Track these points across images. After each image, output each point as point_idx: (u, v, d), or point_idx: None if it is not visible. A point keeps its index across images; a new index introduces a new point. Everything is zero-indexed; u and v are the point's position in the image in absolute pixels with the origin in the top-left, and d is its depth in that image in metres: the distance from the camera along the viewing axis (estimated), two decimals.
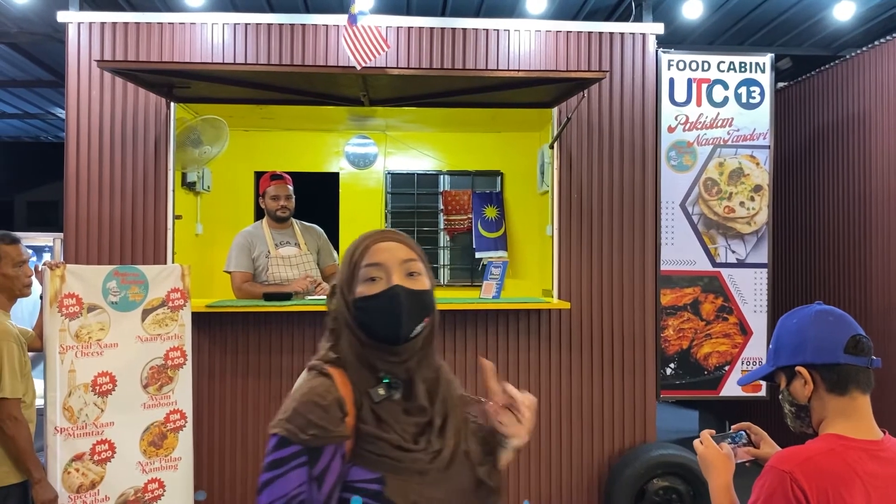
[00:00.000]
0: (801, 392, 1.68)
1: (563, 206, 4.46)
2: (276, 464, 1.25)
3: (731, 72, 4.58)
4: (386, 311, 1.36)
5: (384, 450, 1.30)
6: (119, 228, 4.22)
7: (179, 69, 3.66)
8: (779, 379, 1.76)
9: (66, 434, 3.36)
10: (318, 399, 1.29)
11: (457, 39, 4.39)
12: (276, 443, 1.26)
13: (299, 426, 1.25)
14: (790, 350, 1.70)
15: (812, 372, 1.66)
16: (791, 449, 1.61)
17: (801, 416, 1.71)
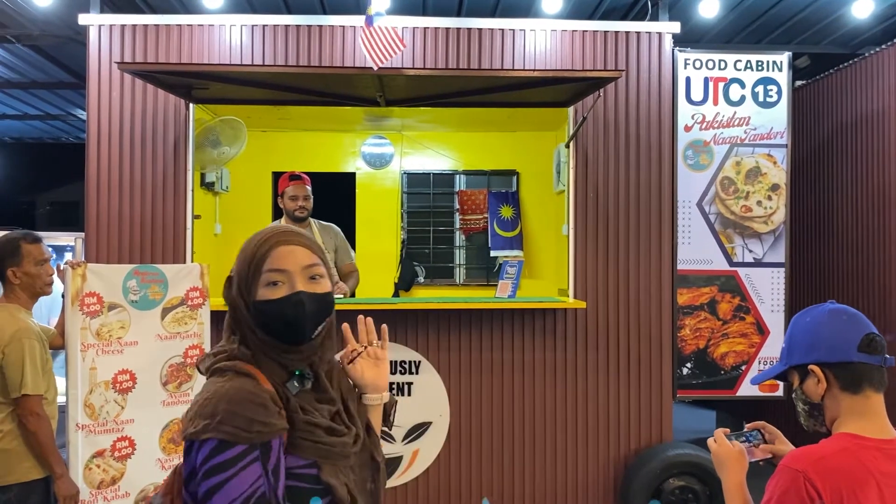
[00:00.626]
0: (814, 391, 1.68)
1: (580, 205, 4.46)
2: (221, 467, 1.25)
3: (748, 70, 4.56)
4: (288, 317, 1.39)
5: (319, 436, 1.35)
6: (139, 228, 4.27)
7: (198, 71, 3.71)
8: (792, 378, 1.76)
9: (87, 431, 3.41)
10: (252, 397, 1.30)
11: (472, 39, 4.41)
12: (214, 447, 1.25)
13: (240, 426, 1.26)
14: (803, 349, 1.70)
15: (825, 370, 1.66)
16: (804, 448, 1.61)
17: (814, 414, 1.71)
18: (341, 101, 4.32)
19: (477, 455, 4.34)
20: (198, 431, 1.26)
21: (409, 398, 4.25)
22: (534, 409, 4.38)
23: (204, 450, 1.26)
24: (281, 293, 1.40)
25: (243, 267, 1.46)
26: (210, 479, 1.25)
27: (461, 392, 4.33)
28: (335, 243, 4.65)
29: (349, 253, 4.77)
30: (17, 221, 11.15)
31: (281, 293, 1.40)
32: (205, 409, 1.28)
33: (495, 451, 4.35)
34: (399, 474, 4.26)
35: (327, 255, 4.51)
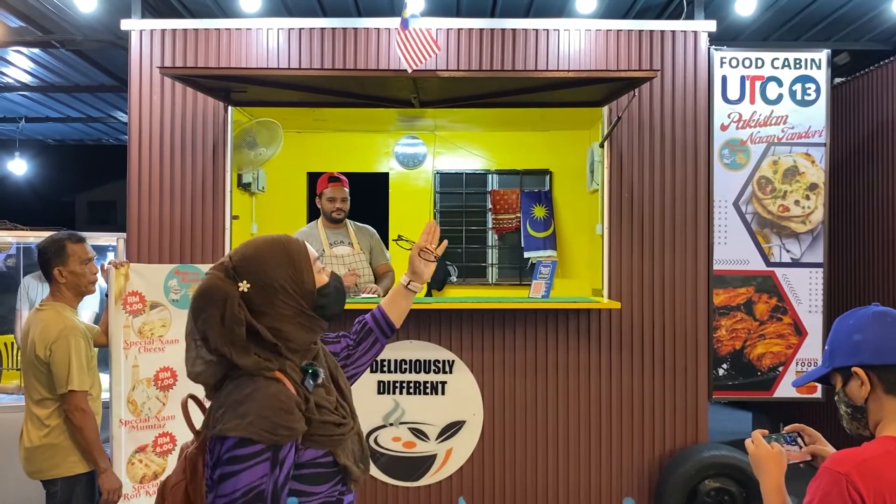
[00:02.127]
0: (857, 393, 1.67)
1: (614, 205, 4.45)
2: (237, 459, 1.43)
3: (786, 68, 4.50)
4: (341, 292, 1.69)
5: (331, 431, 1.57)
6: (179, 228, 4.36)
7: (237, 74, 3.78)
8: (835, 380, 1.75)
9: (129, 426, 3.50)
10: (280, 404, 1.48)
11: (506, 40, 4.42)
12: (235, 443, 1.43)
13: (266, 428, 1.44)
14: (847, 351, 1.69)
15: (869, 373, 1.65)
16: (847, 451, 1.60)
17: (857, 417, 1.70)
18: (376, 103, 4.36)
19: (511, 454, 4.35)
20: (227, 428, 1.43)
21: (443, 397, 4.28)
22: (567, 409, 4.38)
23: (228, 442, 1.43)
24: (327, 275, 1.69)
25: (288, 268, 1.60)
26: (225, 466, 1.43)
27: (495, 391, 4.35)
28: (370, 244, 4.71)
29: (384, 254, 4.82)
30: (57, 220, 11.42)
31: (327, 275, 1.69)
32: (237, 410, 1.45)
33: (529, 450, 4.36)
34: (433, 472, 4.29)
35: (363, 255, 4.57)
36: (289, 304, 1.57)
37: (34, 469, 3.08)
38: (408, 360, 4.29)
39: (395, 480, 4.29)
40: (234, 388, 1.50)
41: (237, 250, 1.62)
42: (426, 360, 4.29)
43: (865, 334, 1.67)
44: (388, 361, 4.28)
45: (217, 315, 1.51)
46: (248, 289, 1.54)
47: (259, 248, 1.61)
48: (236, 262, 1.58)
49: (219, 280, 1.55)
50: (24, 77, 7.19)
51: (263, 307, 1.55)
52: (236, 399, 1.47)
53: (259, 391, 1.48)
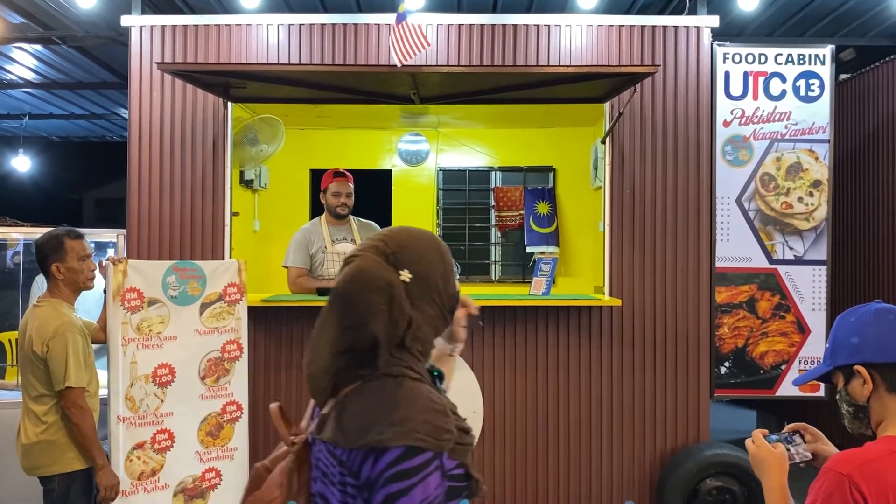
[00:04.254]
0: (859, 392, 1.65)
1: (616, 201, 4.42)
2: (406, 474, 1.24)
3: (790, 64, 4.46)
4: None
5: (464, 438, 1.35)
6: (179, 225, 4.35)
7: (236, 70, 3.76)
8: (836, 379, 1.72)
9: (128, 423, 3.49)
10: (435, 405, 1.30)
11: (507, 36, 4.39)
12: (400, 454, 1.24)
13: (431, 433, 1.26)
14: (849, 349, 1.66)
15: (871, 371, 1.62)
16: (849, 451, 1.57)
17: (859, 416, 1.67)
18: (376, 99, 4.34)
19: (511, 452, 4.33)
20: (387, 438, 1.24)
21: None
22: (568, 406, 4.36)
23: (389, 455, 1.24)
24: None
25: (441, 265, 1.43)
26: (391, 485, 1.24)
27: (495, 389, 4.33)
28: None
29: None
30: (64, 218, 11.46)
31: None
32: (391, 417, 1.26)
33: (529, 448, 4.34)
34: None
35: None
36: (436, 304, 1.39)
37: (31, 465, 3.08)
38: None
39: None
40: (375, 391, 1.32)
41: (389, 236, 1.40)
42: None
43: (867, 332, 1.64)
44: None
45: (382, 304, 1.31)
46: (409, 279, 1.35)
47: (415, 237, 1.42)
48: (395, 249, 1.36)
49: (378, 265, 1.34)
50: (28, 74, 7.21)
51: (416, 302, 1.36)
52: (387, 403, 1.29)
53: (414, 393, 1.31)
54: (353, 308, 1.31)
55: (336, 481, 1.31)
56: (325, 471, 1.35)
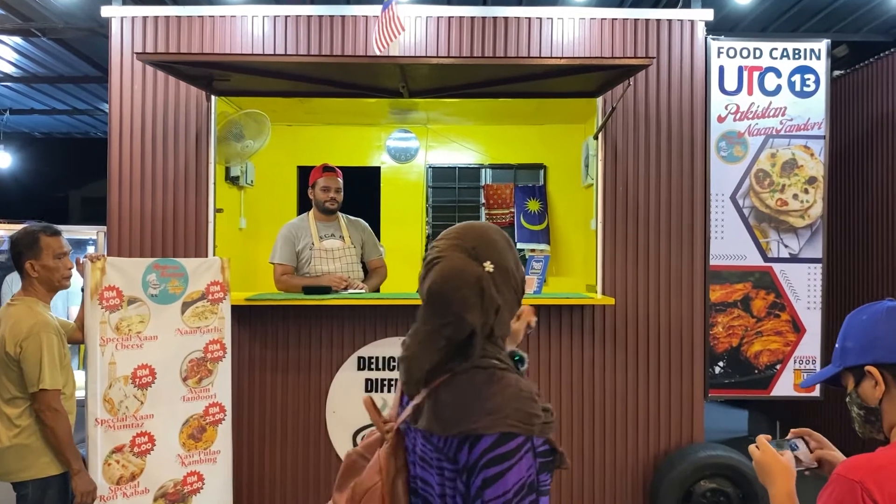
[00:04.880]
0: (871, 394, 1.56)
1: (608, 198, 4.33)
2: (501, 458, 1.34)
3: (785, 59, 4.39)
4: None
5: (548, 418, 1.43)
6: (161, 221, 4.23)
7: (217, 60, 3.64)
8: (846, 381, 1.64)
9: (106, 426, 3.37)
10: (524, 393, 1.40)
11: (499, 29, 4.30)
12: (495, 440, 1.34)
13: (523, 420, 1.36)
14: (859, 349, 1.58)
15: (883, 372, 1.54)
16: (861, 457, 1.48)
17: (870, 420, 1.59)
18: (364, 93, 4.23)
19: None
20: (482, 426, 1.35)
21: None
22: (560, 407, 4.27)
23: (484, 442, 1.35)
24: None
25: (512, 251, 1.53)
26: (487, 470, 1.34)
27: None
28: (362, 238, 4.59)
29: (377, 248, 4.71)
30: (49, 216, 11.30)
31: None
32: (486, 406, 1.37)
33: None
34: None
35: (354, 249, 4.46)
36: (513, 289, 1.49)
37: (3, 471, 2.96)
38: (397, 357, 4.16)
39: None
40: (467, 382, 1.42)
41: (463, 233, 1.49)
42: None
43: (879, 331, 1.56)
44: (377, 359, 4.17)
45: (475, 297, 1.41)
46: (492, 270, 1.44)
47: (484, 230, 1.51)
48: (473, 244, 1.45)
49: (465, 261, 1.43)
50: (8, 68, 7.06)
51: (500, 289, 1.45)
52: (480, 394, 1.39)
53: (503, 382, 1.41)
54: (450, 304, 1.41)
55: (434, 465, 1.43)
56: (422, 455, 1.46)
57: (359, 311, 4.17)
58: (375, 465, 1.49)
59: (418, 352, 1.45)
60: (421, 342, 1.46)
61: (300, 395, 4.19)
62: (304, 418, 4.19)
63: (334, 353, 4.19)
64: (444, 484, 1.42)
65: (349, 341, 4.19)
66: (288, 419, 4.20)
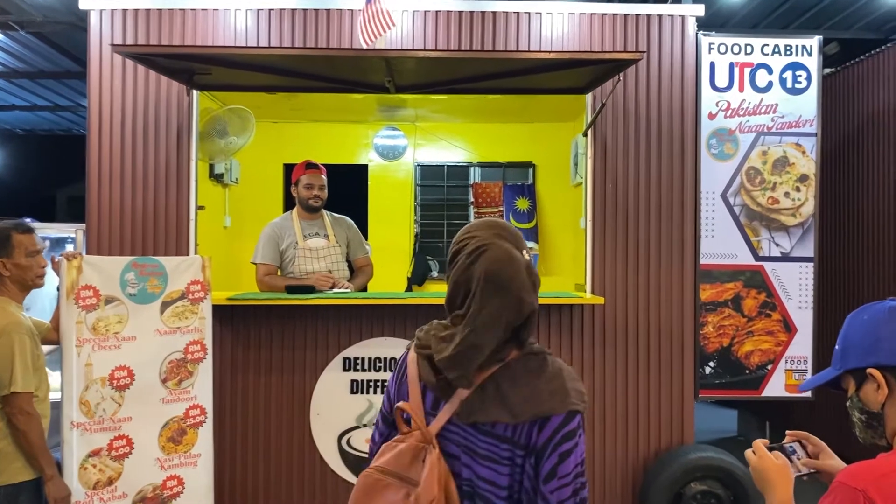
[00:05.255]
0: (873, 398, 1.49)
1: (598, 197, 4.27)
2: (570, 435, 1.45)
3: (776, 55, 4.33)
4: None
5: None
6: (142, 219, 4.13)
7: (197, 53, 3.55)
8: (847, 384, 1.57)
9: (82, 429, 3.28)
10: (573, 373, 1.53)
11: (486, 23, 4.22)
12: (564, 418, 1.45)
13: (580, 398, 1.49)
14: (861, 350, 1.51)
15: (887, 375, 1.46)
16: (863, 464, 1.42)
17: (872, 425, 1.52)
18: (349, 88, 4.13)
19: None
20: (552, 407, 1.45)
21: None
22: None
23: (554, 422, 1.45)
24: None
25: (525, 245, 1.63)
26: (562, 445, 1.45)
27: None
28: (347, 236, 4.49)
29: (363, 246, 4.61)
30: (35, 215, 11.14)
31: None
32: (550, 387, 1.46)
33: None
34: None
35: (339, 248, 4.37)
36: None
37: None
38: (382, 357, 4.09)
39: None
40: (523, 368, 1.49)
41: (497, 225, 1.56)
42: (397, 359, 4.09)
43: (882, 331, 1.48)
44: (362, 359, 4.08)
45: (528, 279, 1.49)
46: (528, 257, 1.54)
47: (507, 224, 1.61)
48: (511, 234, 1.54)
49: (511, 248, 1.50)
50: None
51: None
52: (542, 377, 1.48)
53: (556, 365, 1.51)
54: (511, 286, 1.45)
55: (503, 457, 1.46)
56: (478, 451, 1.48)
57: (344, 310, 4.08)
58: (432, 476, 1.45)
59: (478, 340, 1.45)
60: (482, 328, 1.45)
61: (284, 397, 4.10)
62: (287, 421, 4.10)
63: (319, 353, 4.10)
64: (513, 473, 1.46)
65: (334, 342, 4.10)
66: (271, 421, 4.11)
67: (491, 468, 1.46)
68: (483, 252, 1.47)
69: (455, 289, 1.52)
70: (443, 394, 1.50)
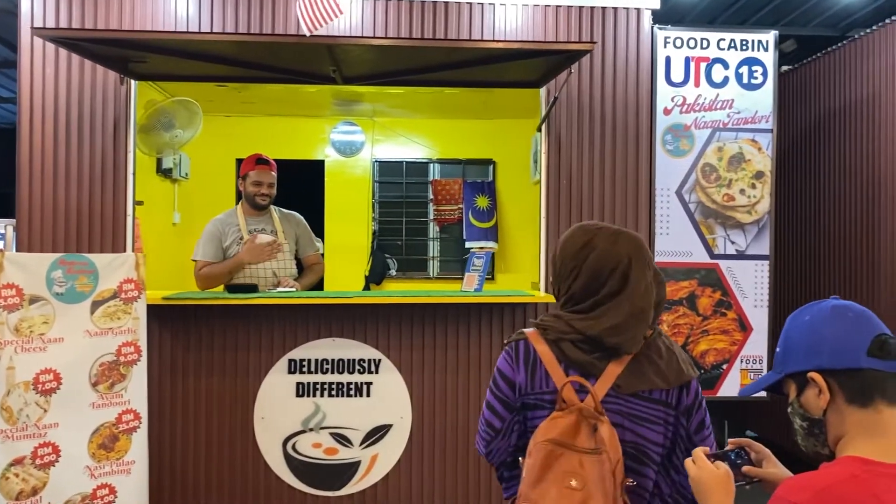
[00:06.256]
0: (814, 403, 1.40)
1: (552, 193, 4.18)
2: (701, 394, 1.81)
3: (732, 50, 4.27)
4: None
5: None
6: (76, 215, 3.93)
7: (126, 38, 3.36)
8: (788, 388, 1.47)
9: (3, 436, 3.10)
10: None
11: (439, 14, 4.10)
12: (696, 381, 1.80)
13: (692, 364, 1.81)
14: (802, 353, 1.41)
15: (828, 379, 1.37)
16: (804, 476, 1.32)
17: (814, 432, 1.42)
18: (294, 78, 3.97)
19: (441, 460, 4.05)
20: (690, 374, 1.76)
21: (368, 399, 3.96)
22: None
23: (693, 385, 1.78)
24: None
25: None
26: (702, 405, 1.79)
27: (424, 393, 4.04)
28: (296, 233, 4.32)
29: (313, 243, 4.44)
30: None
31: None
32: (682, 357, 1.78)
33: (460, 456, 4.06)
34: (357, 480, 3.96)
35: (287, 245, 4.21)
36: None
37: None
38: (330, 359, 3.95)
39: (315, 490, 3.95)
40: (660, 343, 1.77)
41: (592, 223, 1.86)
42: (350, 360, 3.96)
43: (823, 333, 1.39)
44: (308, 361, 3.94)
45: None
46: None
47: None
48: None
49: None
50: None
51: None
52: (673, 350, 1.78)
53: (671, 338, 1.83)
54: (649, 266, 1.76)
55: (660, 418, 1.72)
56: (640, 416, 1.71)
57: (289, 310, 3.93)
58: (614, 440, 1.63)
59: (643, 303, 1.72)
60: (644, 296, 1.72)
61: (226, 401, 3.93)
62: (230, 425, 3.93)
63: (263, 355, 3.94)
64: (667, 432, 1.73)
65: (279, 343, 3.95)
66: (213, 426, 3.94)
67: (651, 429, 1.71)
68: (619, 237, 1.76)
69: (593, 277, 1.72)
70: (593, 370, 1.70)
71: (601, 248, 1.73)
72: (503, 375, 1.81)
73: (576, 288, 1.75)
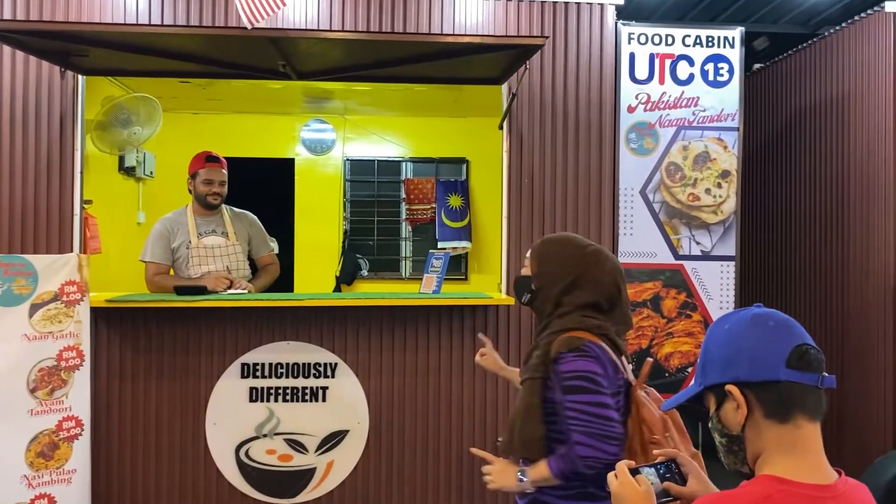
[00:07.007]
0: (732, 418, 1.30)
1: (514, 191, 4.08)
2: None
3: (698, 47, 4.19)
4: None
5: None
6: (20, 215, 3.80)
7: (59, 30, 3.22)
8: (708, 401, 1.38)
9: None
10: None
11: (397, 7, 3.99)
12: None
13: None
14: (720, 364, 1.32)
15: (746, 392, 1.27)
16: (718, 495, 1.23)
17: (733, 449, 1.33)
18: (244, 73, 3.85)
19: (399, 466, 3.95)
20: None
21: (324, 404, 3.85)
22: (462, 416, 4.00)
23: None
24: None
25: None
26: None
27: (382, 397, 3.93)
28: (249, 233, 4.19)
29: (267, 244, 4.32)
30: None
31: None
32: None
33: (419, 461, 3.96)
34: (312, 488, 3.86)
35: (239, 246, 4.09)
36: None
37: None
38: (284, 363, 3.84)
39: (269, 497, 3.84)
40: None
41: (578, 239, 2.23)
42: (305, 364, 3.85)
43: (741, 343, 1.30)
44: (262, 365, 3.83)
45: None
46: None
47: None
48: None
49: None
50: None
51: None
52: None
53: None
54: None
55: None
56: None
57: (242, 313, 3.82)
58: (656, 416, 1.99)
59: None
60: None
61: (176, 406, 3.82)
62: (180, 431, 3.81)
63: (215, 359, 3.82)
64: None
65: (231, 346, 3.84)
66: (163, 432, 3.82)
67: None
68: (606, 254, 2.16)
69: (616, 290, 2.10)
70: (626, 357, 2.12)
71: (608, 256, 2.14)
72: (597, 374, 1.97)
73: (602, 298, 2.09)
